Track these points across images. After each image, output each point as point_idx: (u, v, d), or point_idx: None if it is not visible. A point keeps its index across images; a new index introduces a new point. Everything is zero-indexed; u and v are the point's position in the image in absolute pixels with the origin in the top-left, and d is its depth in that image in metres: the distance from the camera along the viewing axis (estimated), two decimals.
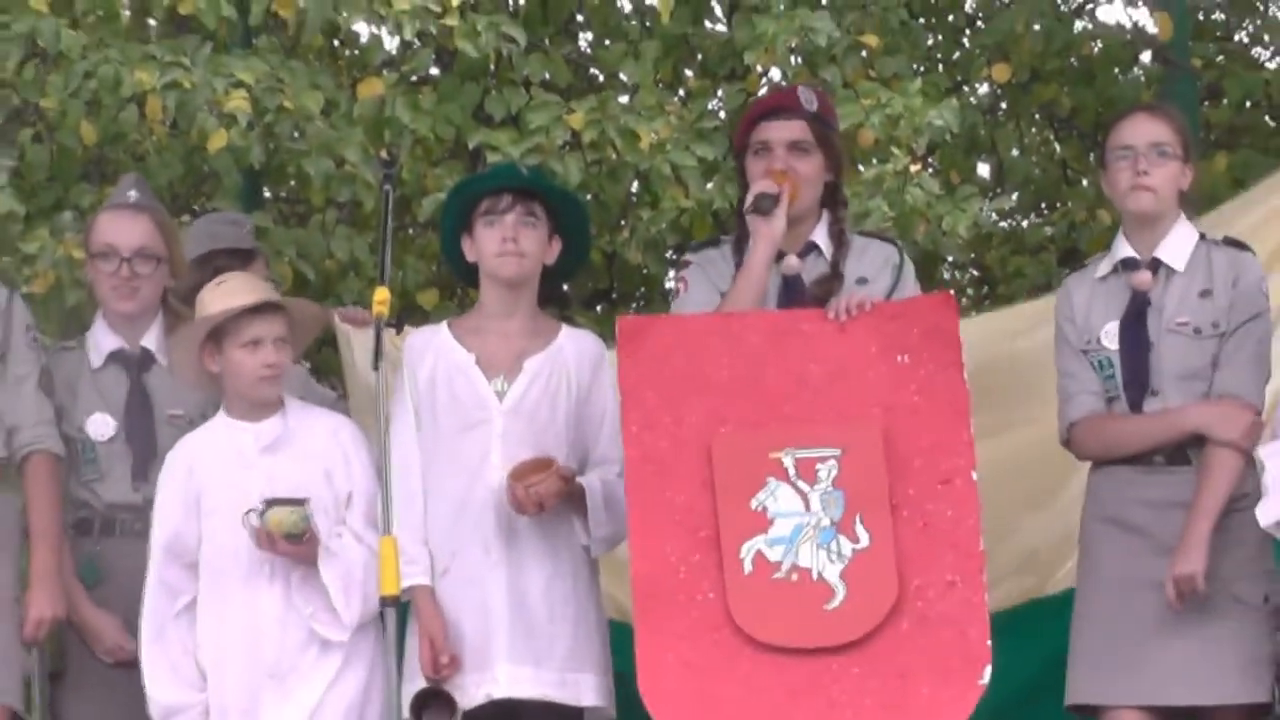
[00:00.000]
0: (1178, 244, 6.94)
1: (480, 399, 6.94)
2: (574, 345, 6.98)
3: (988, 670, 6.50)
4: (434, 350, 7.06)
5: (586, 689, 6.86)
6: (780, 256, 7.03)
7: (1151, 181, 6.90)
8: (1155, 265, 6.92)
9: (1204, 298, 6.87)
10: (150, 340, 7.31)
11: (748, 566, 6.64)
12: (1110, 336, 6.91)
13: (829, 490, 6.66)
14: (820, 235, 7.07)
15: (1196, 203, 8.00)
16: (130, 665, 6.92)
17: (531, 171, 7.62)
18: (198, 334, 6.87)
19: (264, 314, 6.84)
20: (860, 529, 6.64)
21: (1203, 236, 6.98)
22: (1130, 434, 6.88)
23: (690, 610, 6.65)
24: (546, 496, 6.78)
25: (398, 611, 6.60)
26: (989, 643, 6.55)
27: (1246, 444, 6.80)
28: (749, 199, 6.98)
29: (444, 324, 7.21)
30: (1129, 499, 6.88)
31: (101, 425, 7.21)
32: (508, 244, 6.94)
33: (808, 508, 6.66)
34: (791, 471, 6.69)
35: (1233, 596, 6.71)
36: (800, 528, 6.65)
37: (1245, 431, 6.79)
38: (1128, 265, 6.96)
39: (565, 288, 8.81)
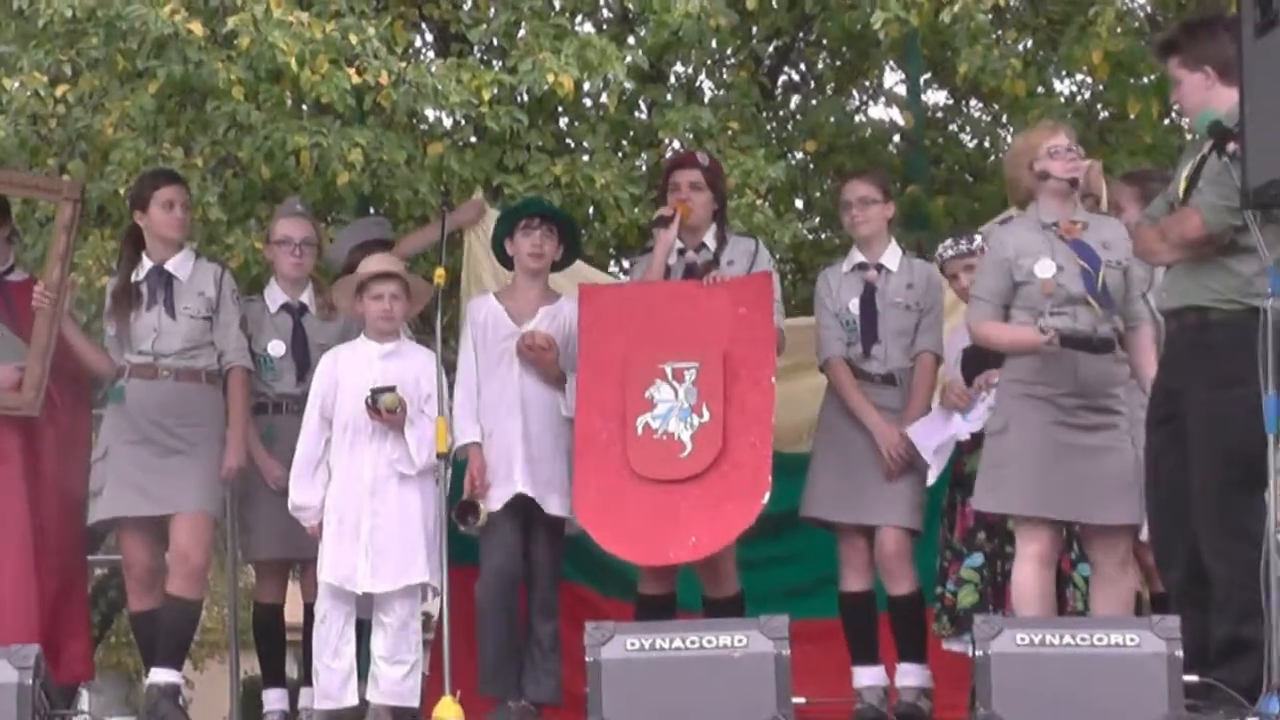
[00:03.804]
0: (891, 255, 6.99)
1: (510, 336, 7.01)
2: (569, 305, 7.03)
3: (767, 494, 6.60)
4: (485, 307, 7.12)
5: (553, 504, 6.88)
6: (684, 251, 7.06)
7: (858, 220, 6.99)
8: (879, 267, 6.97)
9: (910, 288, 6.94)
10: (305, 297, 7.33)
11: (639, 431, 6.75)
12: (855, 307, 6.94)
13: (690, 387, 6.77)
14: (708, 238, 7.11)
15: (914, 221, 8.25)
16: (287, 492, 6.92)
17: (548, 204, 7.69)
18: (350, 287, 6.90)
19: (385, 280, 6.84)
20: (705, 410, 6.74)
21: (904, 251, 7.07)
22: (847, 397, 6.91)
23: (606, 458, 6.75)
24: (537, 340, 6.90)
25: (449, 464, 6.67)
26: (769, 478, 6.61)
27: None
28: (655, 217, 7.11)
29: (491, 293, 7.28)
30: None
31: (278, 347, 7.25)
32: (535, 248, 7.04)
33: (676, 397, 6.77)
34: (669, 374, 6.79)
35: (914, 468, 6.83)
36: (671, 408, 6.76)
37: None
38: (861, 267, 7.00)
39: None
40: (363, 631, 6.81)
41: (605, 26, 9.52)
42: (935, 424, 6.83)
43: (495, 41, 8.71)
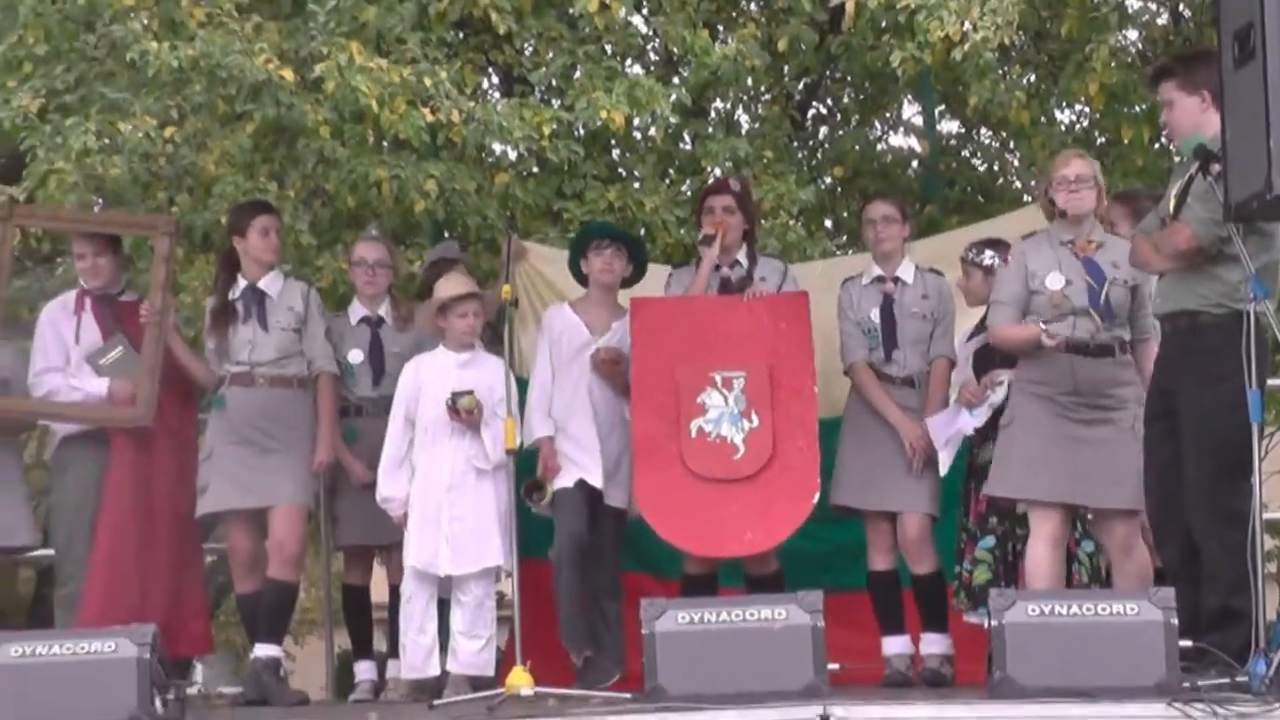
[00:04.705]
0: (906, 269, 7.05)
1: (585, 344, 7.08)
2: None
3: (816, 495, 6.68)
4: (561, 318, 7.18)
5: (616, 496, 6.96)
6: (719, 268, 7.10)
7: (881, 237, 7.04)
8: (896, 280, 7.03)
9: (924, 299, 7.01)
10: (382, 310, 7.42)
11: (693, 434, 6.78)
12: (875, 317, 6.99)
13: (738, 394, 6.79)
14: (741, 256, 7.15)
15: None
16: (369, 487, 7.00)
17: (617, 227, 7.75)
18: (434, 307, 6.96)
19: (468, 300, 6.92)
20: (754, 415, 6.77)
21: (917, 267, 7.07)
22: (872, 398, 6.93)
23: (662, 457, 6.77)
24: (610, 354, 6.98)
25: (520, 458, 6.67)
26: (817, 480, 6.68)
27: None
28: (700, 237, 7.17)
29: (566, 304, 7.29)
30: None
31: (357, 356, 7.34)
32: (606, 265, 7.11)
33: (726, 403, 6.80)
34: (719, 382, 6.81)
35: (931, 459, 6.85)
36: (722, 413, 6.79)
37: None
38: (879, 280, 7.05)
39: None
40: (443, 609, 6.87)
41: (652, 68, 9.50)
42: (946, 419, 6.88)
43: (554, 83, 8.69)
